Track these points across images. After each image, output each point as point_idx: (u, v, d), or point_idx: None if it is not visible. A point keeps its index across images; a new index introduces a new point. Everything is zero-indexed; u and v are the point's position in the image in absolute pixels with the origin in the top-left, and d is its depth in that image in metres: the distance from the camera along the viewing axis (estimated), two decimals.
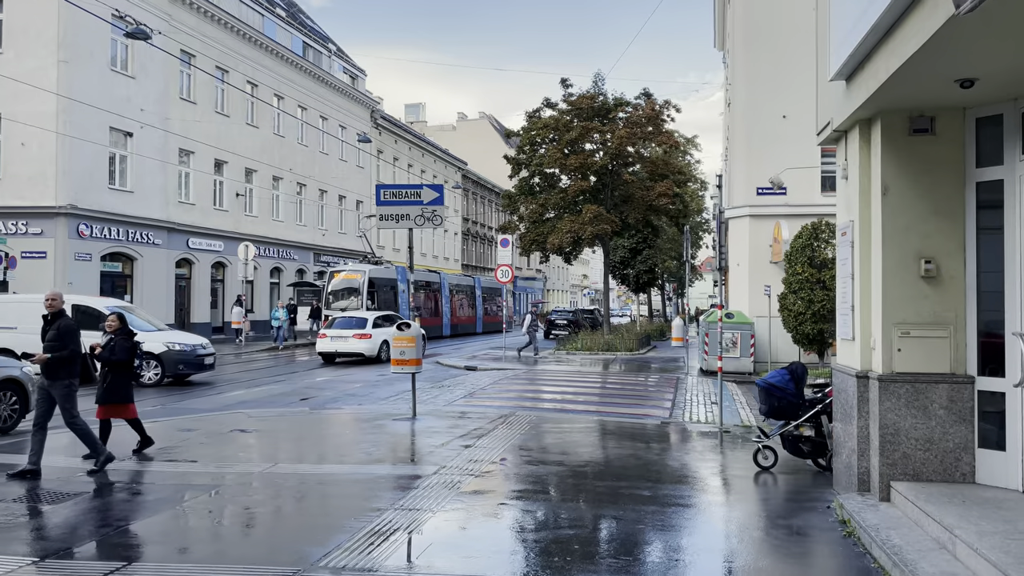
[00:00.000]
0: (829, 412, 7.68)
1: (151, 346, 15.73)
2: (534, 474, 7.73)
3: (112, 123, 26.99)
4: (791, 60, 23.30)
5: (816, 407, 7.73)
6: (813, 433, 7.78)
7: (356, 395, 14.59)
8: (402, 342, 10.68)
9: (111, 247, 27.17)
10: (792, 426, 7.79)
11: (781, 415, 7.86)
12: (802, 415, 7.74)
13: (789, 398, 7.76)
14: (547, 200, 28.58)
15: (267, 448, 9.05)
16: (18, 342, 15.38)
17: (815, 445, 7.79)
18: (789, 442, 7.87)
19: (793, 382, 7.83)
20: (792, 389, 7.79)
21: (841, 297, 6.65)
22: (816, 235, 19.53)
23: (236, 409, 12.20)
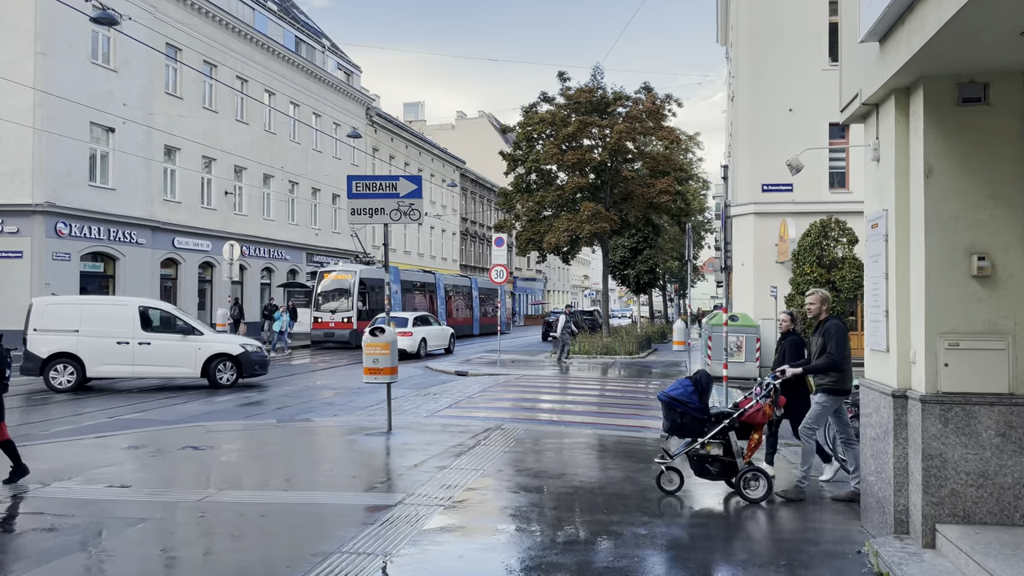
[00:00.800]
0: (737, 428, 6.86)
1: (228, 348, 15.89)
2: (512, 505, 6.72)
3: (93, 118, 26.01)
4: (797, 52, 22.34)
5: (723, 423, 6.83)
6: (721, 452, 6.87)
7: (334, 404, 13.59)
8: (375, 348, 9.67)
9: (92, 246, 26.20)
10: (698, 444, 6.86)
11: (685, 432, 6.96)
12: (708, 432, 6.83)
13: (693, 413, 6.84)
14: (544, 198, 27.55)
15: (217, 469, 8.05)
16: (79, 345, 14.88)
17: (724, 465, 6.88)
18: (695, 462, 6.94)
19: (697, 394, 6.88)
20: (696, 403, 6.86)
21: (871, 301, 5.63)
22: (825, 233, 18.55)
23: (199, 421, 11.21)
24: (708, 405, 6.97)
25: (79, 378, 14.99)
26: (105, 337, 15.00)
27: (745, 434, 6.93)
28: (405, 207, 9.96)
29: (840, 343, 6.84)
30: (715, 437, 6.83)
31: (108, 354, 15.05)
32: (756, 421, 6.87)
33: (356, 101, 44.87)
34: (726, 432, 6.82)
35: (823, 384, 6.98)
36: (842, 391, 7.01)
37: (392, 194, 9.95)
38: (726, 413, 6.93)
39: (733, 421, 6.80)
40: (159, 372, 15.72)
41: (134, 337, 15.16)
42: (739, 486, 6.75)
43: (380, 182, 9.97)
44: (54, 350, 14.87)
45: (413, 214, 9.97)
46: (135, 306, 15.81)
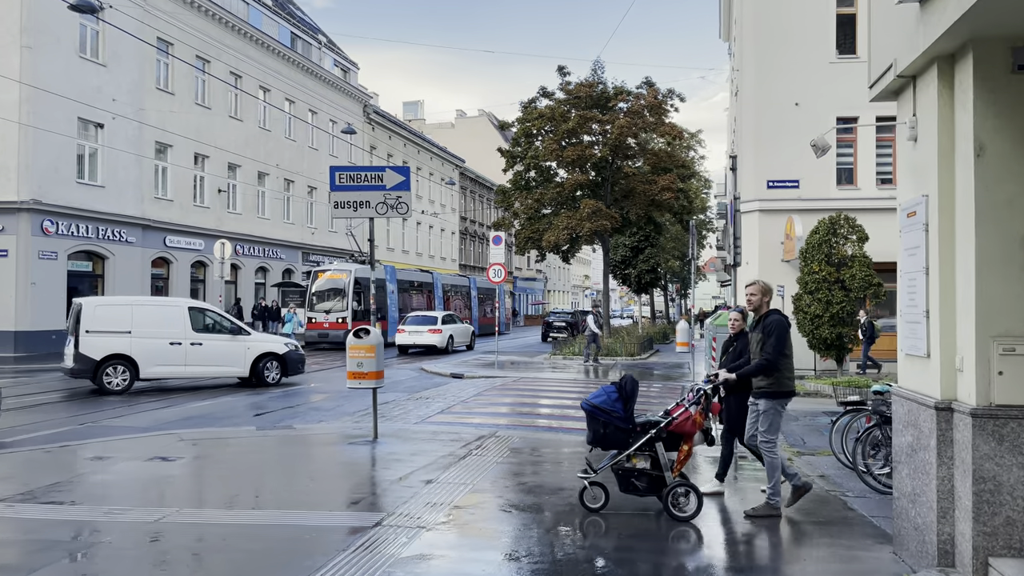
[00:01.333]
0: (665, 438, 6.19)
1: (274, 347, 16.38)
2: (503, 527, 6.06)
3: (81, 113, 25.39)
4: (803, 45, 21.66)
5: (649, 433, 6.15)
6: (648, 465, 6.20)
7: (320, 409, 12.94)
8: (359, 351, 9.02)
9: (79, 245, 25.56)
10: (624, 457, 6.19)
11: (609, 443, 6.26)
12: (633, 443, 6.16)
13: (616, 423, 6.16)
14: (543, 195, 26.88)
15: (183, 484, 7.40)
16: (132, 346, 14.72)
17: (651, 480, 6.22)
18: (621, 477, 6.27)
19: (621, 402, 6.20)
20: (620, 411, 6.17)
21: (907, 300, 4.98)
22: (834, 230, 17.86)
23: (174, 428, 10.54)
24: (633, 413, 6.27)
25: (132, 379, 14.87)
26: (158, 338, 15.01)
27: (675, 445, 6.26)
28: (392, 200, 9.32)
29: (779, 342, 6.25)
30: (641, 449, 6.16)
31: (161, 355, 15.05)
32: (685, 431, 6.21)
33: (353, 98, 44.22)
34: (653, 443, 6.15)
35: (762, 388, 6.37)
36: (785, 392, 6.44)
37: (378, 186, 9.31)
38: (653, 422, 6.23)
39: (660, 431, 6.13)
40: (210, 372, 15.83)
41: (186, 338, 15.23)
42: (667, 503, 6.10)
43: (365, 173, 9.33)
44: (108, 352, 14.63)
45: (400, 207, 9.33)
46: (185, 307, 15.92)
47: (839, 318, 17.10)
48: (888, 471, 7.84)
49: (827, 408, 14.48)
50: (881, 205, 20.71)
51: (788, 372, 6.41)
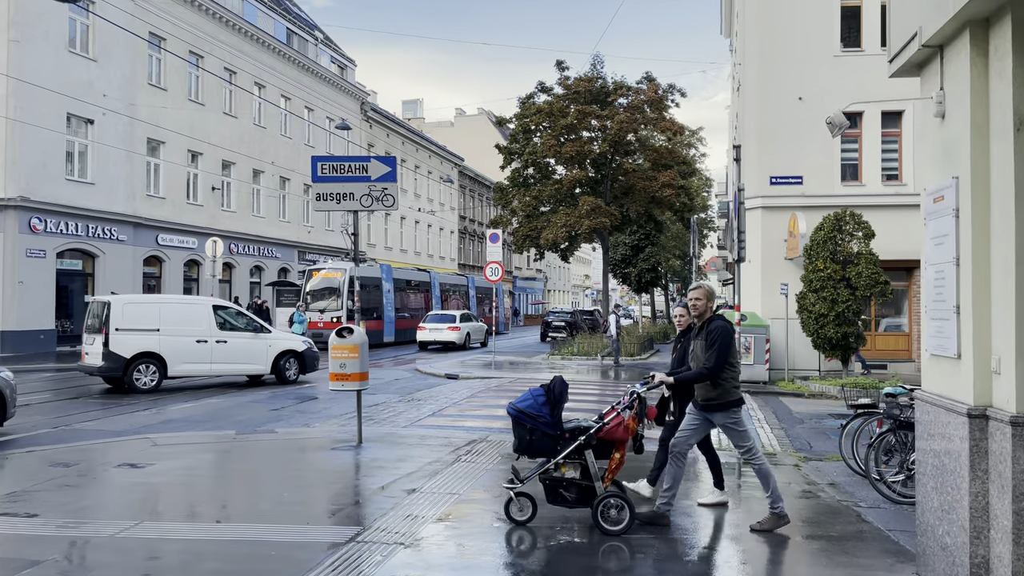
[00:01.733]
0: (595, 446, 5.69)
1: (294, 345, 16.72)
2: (488, 545, 5.56)
3: (70, 109, 24.90)
4: (807, 38, 21.14)
5: (578, 440, 5.64)
6: (578, 474, 5.69)
7: (307, 411, 12.44)
8: (342, 351, 8.53)
9: (69, 243, 25.08)
10: (552, 465, 5.69)
11: (536, 451, 5.75)
12: (561, 450, 5.66)
13: (543, 428, 5.64)
14: (541, 192, 26.36)
15: (148, 494, 6.91)
16: (160, 344, 14.85)
17: (581, 490, 5.71)
18: (548, 487, 5.76)
19: (548, 406, 5.69)
20: (547, 416, 5.66)
21: (933, 294, 4.48)
22: (839, 227, 17.36)
23: (148, 433, 10.05)
24: (561, 418, 5.76)
25: (160, 378, 14.98)
26: (185, 336, 15.19)
27: (606, 453, 5.75)
28: (377, 192, 8.82)
29: (722, 351, 5.80)
30: (570, 457, 5.66)
31: (188, 353, 15.21)
32: (616, 437, 5.71)
33: (350, 95, 43.73)
34: (582, 451, 5.65)
35: (710, 400, 5.93)
36: (734, 401, 6.00)
37: (362, 177, 8.81)
38: (583, 428, 5.72)
39: (590, 437, 5.63)
40: (234, 370, 16.04)
41: (211, 336, 15.46)
42: (596, 515, 5.60)
43: (349, 164, 8.83)
44: (138, 350, 14.69)
45: (386, 200, 8.83)
46: (209, 305, 16.13)
47: (844, 317, 16.61)
48: (902, 478, 7.36)
49: (833, 410, 14.01)
50: (887, 202, 20.25)
51: (733, 381, 5.97)
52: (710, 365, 5.80)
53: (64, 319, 25.60)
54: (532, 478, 5.76)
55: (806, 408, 14.28)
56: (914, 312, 20.62)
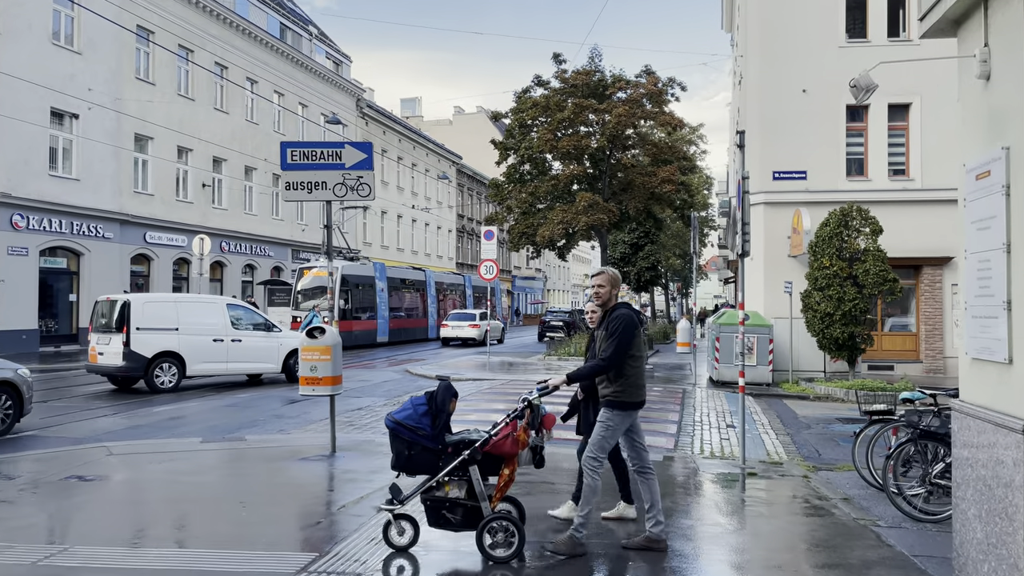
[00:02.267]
0: (481, 461, 4.94)
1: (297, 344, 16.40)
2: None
3: (54, 103, 24.26)
4: (811, 28, 20.47)
5: (461, 455, 4.91)
6: (463, 493, 4.97)
7: (284, 416, 11.77)
8: (313, 353, 7.87)
9: (52, 240, 24.43)
10: (434, 483, 4.98)
11: (417, 468, 5.02)
12: (444, 467, 4.94)
13: (423, 442, 4.92)
14: (538, 188, 25.67)
15: (89, 513, 6.24)
16: (180, 344, 14.87)
17: (467, 512, 4.97)
18: (430, 508, 5.03)
19: (429, 416, 4.97)
20: (428, 428, 4.94)
21: (977, 287, 3.82)
22: (846, 223, 16.69)
23: (110, 440, 9.40)
24: (444, 430, 5.03)
25: (180, 377, 14.99)
26: (203, 335, 15.27)
27: (495, 469, 5.05)
28: (352, 180, 8.17)
29: (623, 341, 5.14)
30: (454, 474, 4.96)
31: (206, 352, 15.27)
32: (504, 452, 4.98)
33: (346, 92, 43.07)
34: (467, 467, 4.94)
35: (605, 396, 5.27)
36: (631, 404, 5.32)
37: (336, 165, 8.16)
38: (467, 441, 5.00)
39: (475, 452, 4.90)
40: (248, 368, 16.11)
41: (227, 335, 15.55)
42: (479, 540, 4.88)
43: (321, 150, 8.17)
44: (159, 349, 14.70)
45: (362, 189, 8.18)
46: (223, 303, 16.26)
47: (851, 316, 15.95)
48: (922, 492, 6.70)
49: (841, 413, 13.36)
50: (893, 197, 19.59)
51: (637, 378, 5.31)
52: (607, 355, 5.12)
53: (48, 319, 24.96)
54: (413, 497, 5.04)
55: (812, 412, 13.62)
56: (922, 311, 19.96)
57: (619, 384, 5.23)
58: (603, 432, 5.28)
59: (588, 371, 5.28)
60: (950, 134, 19.49)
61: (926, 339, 19.77)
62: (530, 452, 5.13)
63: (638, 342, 5.30)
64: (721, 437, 10.72)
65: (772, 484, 7.66)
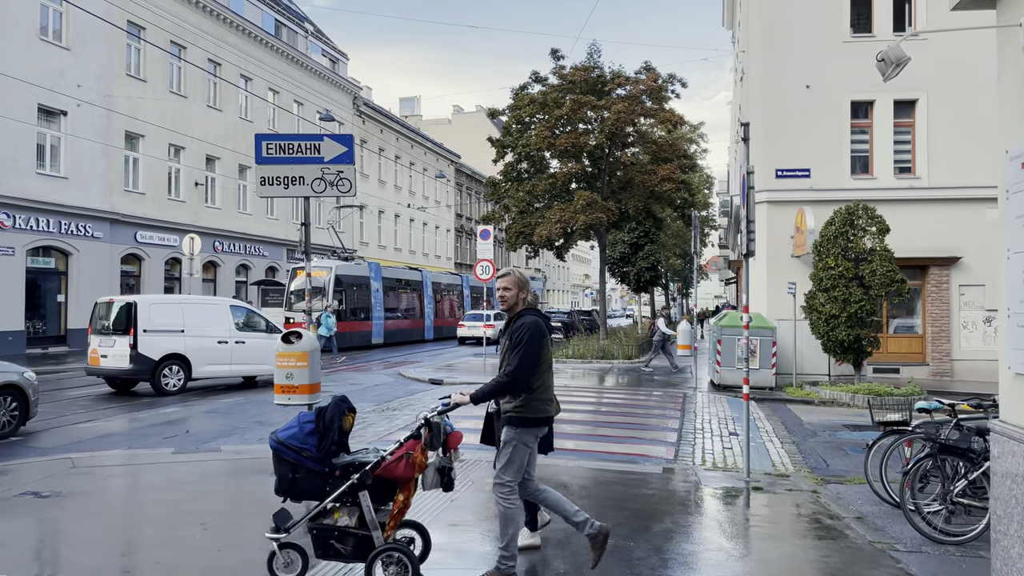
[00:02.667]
0: (372, 486, 4.38)
1: None
2: None
3: (42, 99, 23.77)
4: (815, 23, 19.99)
5: (351, 478, 4.34)
6: (353, 522, 4.42)
7: (267, 423, 11.26)
8: (289, 360, 7.35)
9: (40, 240, 23.93)
10: (321, 510, 4.45)
11: (303, 493, 4.48)
12: (331, 491, 4.40)
13: (308, 464, 4.38)
14: (535, 186, 25.14)
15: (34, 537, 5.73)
16: (186, 346, 14.74)
17: (358, 542, 4.40)
18: (317, 536, 4.46)
19: (316, 436, 4.42)
20: (314, 448, 4.40)
21: (1022, 292, 3.31)
22: (852, 222, 16.18)
23: (81, 450, 8.90)
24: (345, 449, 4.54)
25: (186, 379, 14.85)
26: (207, 337, 15.16)
27: (388, 494, 4.48)
28: (331, 175, 7.66)
29: (528, 352, 4.60)
30: (343, 500, 4.44)
31: (211, 354, 15.15)
32: (397, 475, 4.42)
33: (342, 90, 42.56)
34: (356, 492, 4.41)
35: (507, 412, 4.75)
36: (536, 420, 4.75)
37: (314, 159, 7.65)
38: (358, 464, 4.45)
39: (365, 475, 4.35)
40: (251, 370, 16.03)
41: (231, 336, 15.47)
42: (369, 573, 4.34)
43: (298, 143, 7.67)
44: (166, 351, 14.56)
45: (342, 184, 7.67)
46: (227, 305, 16.13)
47: (857, 318, 15.44)
48: (941, 511, 6.20)
49: (847, 419, 12.87)
50: (899, 196, 19.11)
51: (543, 392, 4.76)
52: (510, 369, 4.59)
53: (36, 320, 24.47)
54: (300, 525, 4.50)
55: (817, 417, 13.13)
56: (928, 313, 19.46)
57: (523, 399, 4.68)
58: (508, 453, 4.71)
59: (490, 390, 4.68)
60: (958, 131, 19.10)
61: (933, 341, 19.27)
62: (437, 474, 4.56)
63: (546, 352, 4.75)
64: (724, 446, 10.22)
65: (779, 500, 7.17)
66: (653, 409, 13.55)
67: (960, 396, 14.56)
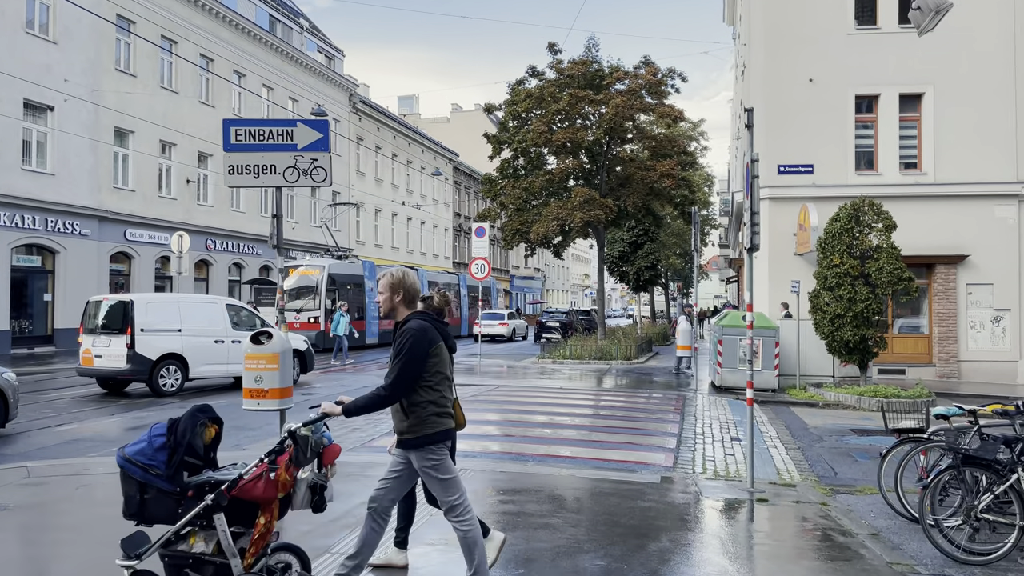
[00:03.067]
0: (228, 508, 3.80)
1: (297, 344, 16.05)
2: None
3: (27, 94, 23.23)
4: (818, 15, 19.47)
5: (205, 500, 3.76)
6: (211, 548, 3.84)
7: (245, 428, 10.73)
8: (258, 362, 6.82)
9: (25, 237, 23.40)
10: (173, 534, 3.83)
11: (153, 516, 3.86)
12: (184, 514, 3.80)
13: (158, 483, 3.80)
14: (531, 183, 24.59)
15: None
16: (184, 345, 14.48)
17: (216, 570, 3.85)
18: (170, 567, 3.87)
19: (167, 451, 3.86)
20: (162, 466, 3.82)
21: None
22: (857, 218, 15.65)
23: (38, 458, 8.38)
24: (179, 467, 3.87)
25: (183, 380, 14.59)
26: (204, 336, 14.90)
27: (249, 518, 3.91)
28: (305, 164, 7.14)
29: (408, 364, 4.08)
30: (197, 523, 3.84)
31: (208, 354, 14.88)
32: (256, 496, 3.85)
33: (338, 87, 42.03)
34: (212, 514, 3.84)
35: (402, 434, 4.24)
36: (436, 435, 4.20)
37: (286, 146, 7.13)
38: (213, 483, 3.87)
39: (220, 496, 3.79)
40: None
41: (227, 336, 15.18)
42: None
43: (270, 129, 7.14)
44: (164, 351, 14.26)
45: (316, 173, 7.15)
46: (223, 304, 15.83)
47: (863, 317, 14.93)
48: (965, 527, 5.68)
49: (853, 423, 12.36)
50: (905, 192, 18.60)
51: (433, 407, 4.22)
52: (388, 382, 4.11)
53: (22, 319, 23.95)
54: (153, 552, 3.87)
55: (823, 421, 12.61)
56: (934, 312, 18.95)
57: (413, 418, 4.16)
58: (432, 479, 4.23)
59: (365, 403, 4.12)
60: (966, 125, 18.57)
61: (939, 342, 18.77)
62: (308, 492, 4.02)
63: (437, 361, 4.21)
64: (726, 452, 9.71)
65: (786, 513, 6.65)
66: (652, 414, 13.04)
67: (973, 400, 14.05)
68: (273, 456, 3.96)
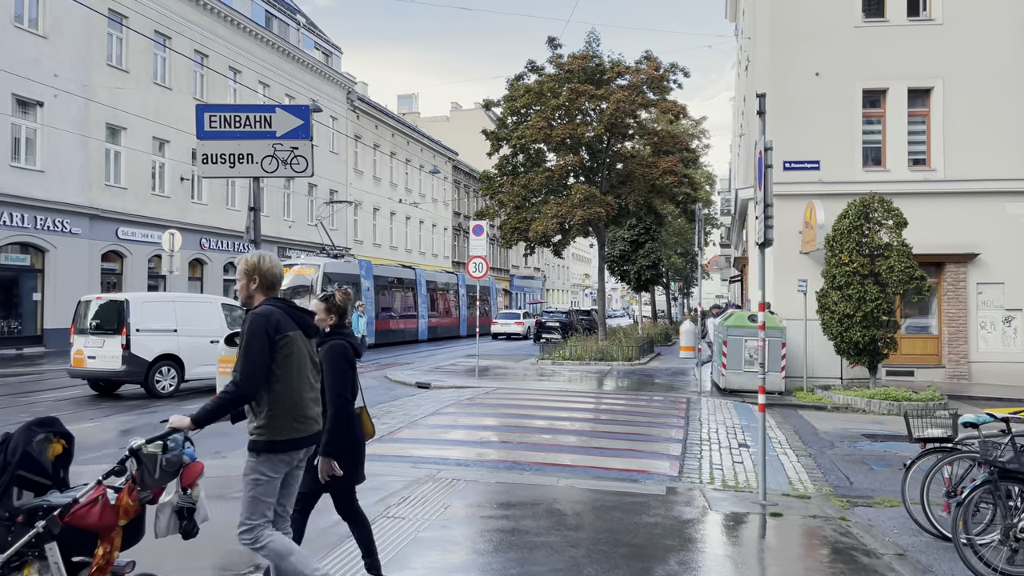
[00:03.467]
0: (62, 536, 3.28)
1: None
2: None
3: (16, 89, 22.77)
4: (825, 7, 18.93)
5: (36, 527, 3.25)
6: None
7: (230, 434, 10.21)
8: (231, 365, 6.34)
9: (14, 236, 22.92)
10: (1, 565, 3.30)
11: None
12: (13, 543, 3.27)
13: None
14: (531, 180, 24.09)
15: None
16: (180, 346, 14.30)
17: None
18: None
19: None
20: None
21: None
22: (867, 215, 15.14)
23: None
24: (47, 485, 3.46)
25: (179, 381, 14.36)
26: (200, 336, 14.66)
27: (88, 546, 3.42)
28: (284, 153, 6.66)
29: (251, 353, 3.65)
30: (30, 552, 3.34)
31: (203, 354, 14.47)
32: (90, 524, 3.38)
33: (336, 84, 41.55)
34: (43, 544, 3.35)
35: (251, 435, 3.84)
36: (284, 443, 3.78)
37: (264, 133, 6.66)
38: (46, 507, 3.37)
39: (52, 522, 3.30)
40: None
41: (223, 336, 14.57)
42: None
43: (246, 115, 6.66)
44: (159, 352, 14.04)
45: (297, 163, 6.67)
46: (219, 304, 15.63)
47: (873, 318, 14.42)
48: (1003, 549, 5.18)
49: (865, 428, 11.86)
50: (914, 189, 18.08)
51: (291, 407, 3.79)
52: (236, 378, 3.67)
53: (10, 319, 23.46)
54: None
55: (832, 425, 12.11)
56: (944, 312, 18.43)
57: (265, 416, 3.73)
58: (249, 490, 3.77)
59: (215, 406, 3.66)
60: (976, 120, 18.05)
61: (949, 342, 18.25)
62: (175, 516, 3.57)
63: (288, 354, 3.75)
64: (734, 460, 9.21)
65: (802, 530, 6.15)
66: (654, 418, 12.53)
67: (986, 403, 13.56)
68: (111, 475, 3.45)
